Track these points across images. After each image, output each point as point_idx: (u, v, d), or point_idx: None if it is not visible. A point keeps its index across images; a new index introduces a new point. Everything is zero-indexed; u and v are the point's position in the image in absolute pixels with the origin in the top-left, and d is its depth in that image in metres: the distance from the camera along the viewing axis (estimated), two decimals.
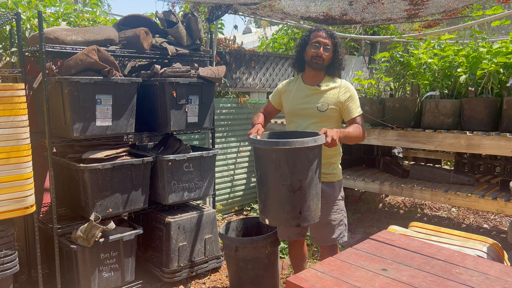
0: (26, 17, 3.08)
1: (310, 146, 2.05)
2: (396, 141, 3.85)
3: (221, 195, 4.68)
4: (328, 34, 2.44)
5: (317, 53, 2.42)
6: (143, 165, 2.95)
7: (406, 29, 6.31)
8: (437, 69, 3.85)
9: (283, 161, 2.06)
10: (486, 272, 1.48)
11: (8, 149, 2.36)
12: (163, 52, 3.18)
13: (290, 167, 2.06)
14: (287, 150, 2.04)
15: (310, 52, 2.45)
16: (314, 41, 2.43)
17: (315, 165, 2.09)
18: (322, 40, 2.42)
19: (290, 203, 2.09)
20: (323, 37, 2.42)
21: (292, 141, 2.05)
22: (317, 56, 2.43)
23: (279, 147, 2.04)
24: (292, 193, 2.08)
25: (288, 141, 2.05)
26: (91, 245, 2.68)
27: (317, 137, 2.08)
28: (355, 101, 2.45)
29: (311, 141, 2.05)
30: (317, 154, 2.10)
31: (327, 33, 2.44)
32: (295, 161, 2.06)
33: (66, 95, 2.62)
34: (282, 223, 2.18)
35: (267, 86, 5.19)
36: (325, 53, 2.42)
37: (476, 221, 4.74)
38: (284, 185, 2.08)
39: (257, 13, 4.74)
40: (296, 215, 2.09)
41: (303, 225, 2.16)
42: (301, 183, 2.06)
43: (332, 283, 1.41)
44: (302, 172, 2.06)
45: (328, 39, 2.43)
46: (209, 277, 3.31)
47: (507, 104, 3.24)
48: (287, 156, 2.05)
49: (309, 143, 2.04)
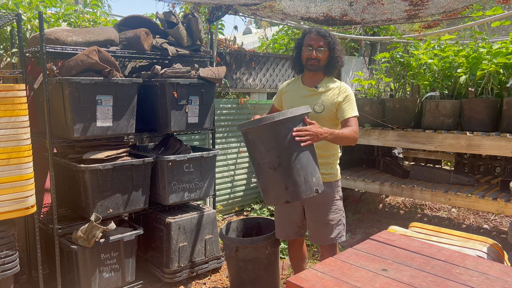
0: (27, 18, 3.08)
1: (279, 120, 2.04)
2: (396, 142, 3.86)
3: (221, 195, 4.68)
4: (320, 35, 2.43)
5: (311, 55, 2.44)
6: (143, 165, 2.96)
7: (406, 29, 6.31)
8: (437, 70, 3.85)
9: (258, 140, 2.11)
10: (486, 272, 1.48)
11: (9, 150, 2.37)
12: (164, 52, 3.18)
13: (264, 145, 2.09)
14: (257, 128, 2.08)
15: (304, 55, 2.47)
16: (307, 44, 2.45)
17: (294, 139, 2.06)
18: (315, 43, 2.42)
19: (274, 181, 2.11)
20: (315, 39, 2.43)
21: (260, 119, 2.09)
22: (311, 59, 2.44)
23: (249, 126, 2.09)
24: (273, 170, 2.09)
25: (256, 120, 2.10)
26: (92, 245, 2.68)
27: (286, 111, 2.09)
28: (350, 103, 2.44)
29: (278, 115, 2.06)
30: (292, 128, 2.07)
31: (319, 33, 2.43)
32: (268, 138, 2.08)
33: (67, 95, 2.62)
34: (272, 201, 2.18)
35: (267, 86, 5.19)
36: (319, 55, 2.43)
37: (476, 221, 4.75)
38: (264, 164, 2.12)
39: (257, 14, 4.74)
40: (283, 191, 2.10)
41: (294, 201, 2.15)
42: (280, 159, 2.07)
43: (332, 283, 1.42)
44: (277, 148, 2.07)
45: (321, 40, 2.42)
46: (210, 277, 3.31)
47: (507, 104, 3.24)
48: (259, 135, 2.10)
49: (277, 118, 2.04)
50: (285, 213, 2.63)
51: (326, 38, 2.42)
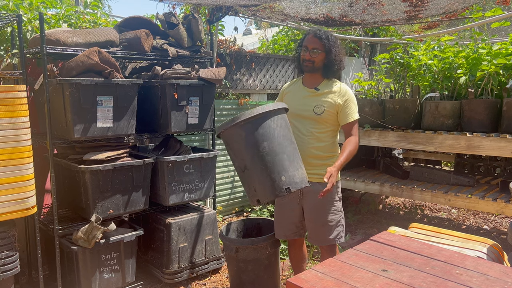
0: (27, 19, 3.09)
1: (236, 123, 2.06)
2: (396, 142, 3.86)
3: (221, 196, 4.68)
4: (316, 37, 2.43)
5: (305, 56, 2.46)
6: (143, 166, 2.96)
7: (406, 30, 6.32)
8: (437, 71, 3.86)
9: (226, 145, 2.18)
10: (486, 273, 1.49)
11: (9, 151, 2.37)
12: (164, 53, 3.18)
13: (231, 148, 2.16)
14: (224, 133, 2.15)
15: (301, 55, 2.51)
16: (303, 45, 2.48)
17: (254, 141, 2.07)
18: (310, 44, 2.44)
19: (246, 182, 2.17)
20: (311, 41, 2.45)
21: (224, 123, 2.13)
22: (305, 60, 2.47)
23: (219, 131, 2.16)
24: (242, 172, 2.14)
25: (222, 124, 2.15)
26: (92, 246, 2.69)
27: (243, 112, 2.11)
28: (351, 105, 2.45)
29: (230, 122, 2.08)
30: (251, 129, 2.07)
31: (316, 35, 2.44)
32: (232, 142, 2.13)
33: (67, 96, 2.63)
34: (250, 201, 2.22)
35: (268, 87, 5.20)
36: (313, 56, 2.44)
37: (476, 222, 4.75)
38: (236, 167, 2.18)
39: (257, 15, 4.75)
40: (253, 193, 2.14)
41: (265, 201, 2.15)
42: (245, 161, 2.11)
43: (332, 284, 1.42)
44: (240, 151, 2.11)
45: (316, 42, 2.43)
46: (210, 278, 3.32)
47: (507, 105, 3.25)
48: (226, 139, 2.17)
49: (231, 123, 2.07)
50: (283, 213, 2.63)
51: (322, 40, 2.42)
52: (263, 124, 2.10)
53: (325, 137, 2.47)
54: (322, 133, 2.46)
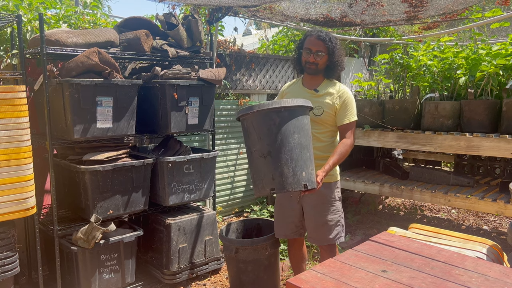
0: (27, 19, 3.09)
1: (274, 107, 2.04)
2: (396, 143, 3.86)
3: (221, 196, 4.68)
4: (320, 38, 2.41)
5: (308, 59, 2.44)
6: (143, 166, 2.96)
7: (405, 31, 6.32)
8: (437, 71, 3.86)
9: (251, 127, 2.11)
10: (486, 274, 1.49)
11: (9, 151, 2.37)
12: (164, 54, 3.19)
13: (256, 132, 2.08)
14: (251, 114, 2.08)
15: (303, 57, 2.48)
16: (306, 47, 2.45)
17: (287, 129, 2.05)
18: (313, 47, 2.42)
19: (263, 169, 2.10)
20: (314, 43, 2.42)
21: (255, 105, 2.08)
22: (309, 62, 2.45)
23: (245, 112, 2.09)
24: (263, 158, 2.07)
25: (251, 105, 2.09)
26: (92, 246, 2.68)
27: (282, 100, 2.08)
28: (349, 107, 2.44)
29: (274, 103, 2.05)
30: (287, 117, 2.06)
31: (319, 37, 2.41)
32: (261, 125, 2.07)
33: (67, 97, 2.63)
34: (260, 191, 2.15)
35: (267, 88, 5.20)
36: (317, 59, 2.42)
37: (476, 222, 4.75)
38: (255, 151, 2.10)
39: (257, 15, 4.75)
40: (269, 181, 2.08)
41: (279, 192, 2.11)
42: (270, 147, 2.06)
43: (332, 284, 1.42)
44: (268, 136, 2.05)
45: (320, 45, 2.41)
46: (209, 278, 3.32)
47: (507, 106, 3.25)
48: (252, 121, 2.09)
49: (272, 105, 2.04)
50: (283, 213, 2.63)
51: (325, 43, 2.41)
52: (299, 117, 2.10)
53: (324, 137, 2.47)
54: (321, 134, 2.46)
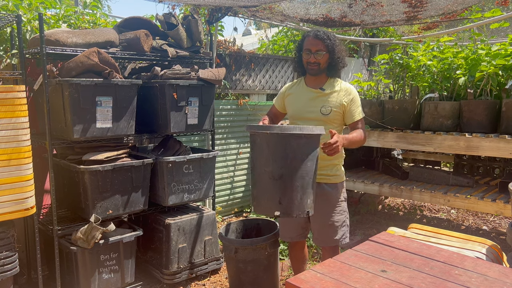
0: (27, 19, 3.08)
1: (294, 133, 2.02)
2: (395, 143, 3.87)
3: (221, 196, 4.68)
4: (318, 38, 2.40)
5: (309, 60, 2.43)
6: (143, 166, 2.96)
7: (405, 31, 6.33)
8: (436, 71, 3.86)
9: (265, 146, 2.07)
10: (485, 274, 1.49)
11: (9, 151, 2.37)
12: (163, 54, 3.18)
13: (271, 152, 2.06)
14: (269, 135, 2.05)
15: (304, 59, 2.47)
16: (306, 48, 2.44)
17: (302, 156, 2.04)
18: (313, 47, 2.41)
19: (270, 191, 2.07)
20: (313, 43, 2.41)
21: (274, 126, 2.07)
22: (310, 63, 2.44)
23: (261, 130, 2.07)
24: (273, 180, 2.05)
25: (270, 126, 2.07)
26: (91, 246, 2.68)
27: (304, 126, 2.07)
28: (357, 104, 2.45)
29: (295, 129, 2.03)
30: (305, 145, 2.05)
31: (317, 37, 2.40)
32: (277, 148, 2.04)
33: (67, 97, 2.62)
34: (262, 211, 2.15)
35: (267, 88, 5.20)
36: (318, 58, 2.41)
37: (475, 222, 4.75)
38: (266, 171, 2.07)
39: (256, 15, 4.75)
40: (275, 204, 2.06)
41: (283, 217, 2.10)
42: (282, 170, 2.04)
43: (331, 285, 1.42)
44: (284, 160, 2.04)
45: (319, 44, 2.40)
46: (209, 278, 3.32)
47: (506, 106, 3.25)
48: (269, 141, 2.06)
49: (293, 131, 2.02)
50: None
51: (324, 41, 2.40)
52: (314, 145, 2.09)
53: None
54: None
